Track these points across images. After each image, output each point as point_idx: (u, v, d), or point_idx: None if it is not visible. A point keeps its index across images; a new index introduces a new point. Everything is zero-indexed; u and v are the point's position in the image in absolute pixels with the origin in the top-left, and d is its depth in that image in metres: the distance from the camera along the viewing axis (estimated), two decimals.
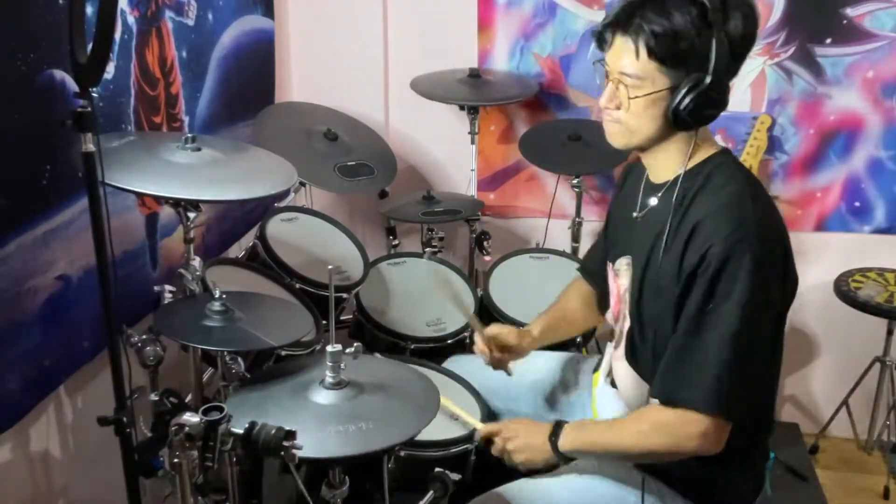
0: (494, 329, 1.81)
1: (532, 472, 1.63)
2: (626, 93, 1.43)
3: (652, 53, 1.38)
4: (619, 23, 1.41)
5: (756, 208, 1.41)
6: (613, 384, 1.67)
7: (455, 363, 2.04)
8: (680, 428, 1.42)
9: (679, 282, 1.42)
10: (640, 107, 1.43)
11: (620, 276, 1.61)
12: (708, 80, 1.36)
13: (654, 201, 1.55)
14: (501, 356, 1.79)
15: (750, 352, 1.40)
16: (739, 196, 1.42)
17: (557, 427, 1.56)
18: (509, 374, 1.82)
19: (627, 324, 1.58)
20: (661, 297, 1.47)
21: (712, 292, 1.38)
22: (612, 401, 1.67)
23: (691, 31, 1.35)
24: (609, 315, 1.71)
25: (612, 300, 1.69)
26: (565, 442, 1.54)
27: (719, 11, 1.34)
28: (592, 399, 1.78)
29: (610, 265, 1.68)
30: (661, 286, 1.47)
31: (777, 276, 1.43)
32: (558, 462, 1.57)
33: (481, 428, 1.68)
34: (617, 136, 1.50)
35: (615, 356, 1.65)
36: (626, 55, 1.41)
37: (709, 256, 1.37)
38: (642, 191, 1.59)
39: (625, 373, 1.62)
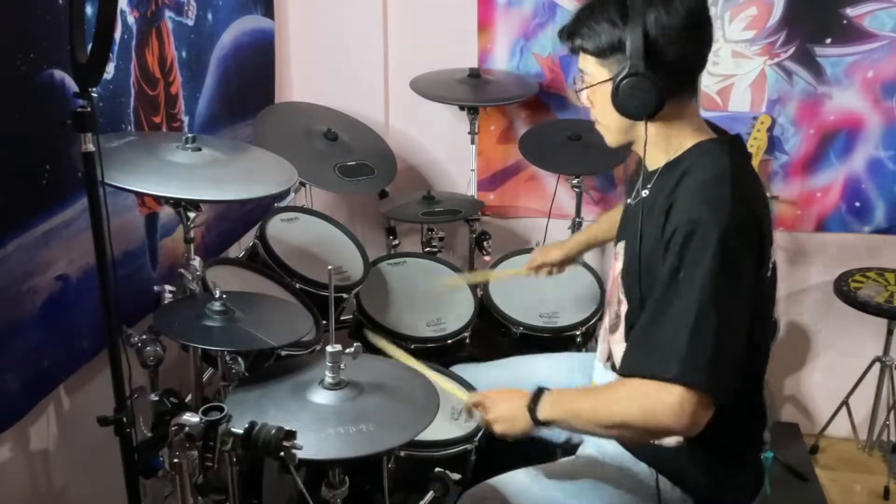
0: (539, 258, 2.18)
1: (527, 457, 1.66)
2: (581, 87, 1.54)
3: (584, 49, 1.50)
4: (566, 28, 1.53)
5: (733, 186, 1.42)
6: (614, 368, 1.67)
7: (456, 370, 2.04)
8: (652, 397, 1.36)
9: (658, 259, 1.44)
10: (597, 101, 1.53)
11: (618, 260, 1.64)
12: (627, 66, 1.41)
13: (645, 192, 1.58)
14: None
15: (720, 322, 1.34)
16: (719, 176, 1.44)
17: (537, 395, 1.51)
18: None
19: (625, 307, 1.59)
20: (649, 278, 1.49)
21: (680, 262, 1.37)
22: None
23: (608, 26, 1.44)
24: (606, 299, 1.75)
25: (609, 284, 1.73)
26: (543, 410, 1.49)
27: (638, 4, 1.40)
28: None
29: (614, 250, 1.71)
30: (648, 268, 1.49)
31: (749, 250, 1.41)
32: (537, 430, 1.53)
33: (466, 399, 1.66)
34: (604, 135, 1.59)
35: (614, 340, 1.65)
36: (579, 54, 1.53)
37: (678, 227, 1.39)
38: (641, 180, 1.63)
39: None
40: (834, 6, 2.59)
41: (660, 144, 1.52)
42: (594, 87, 1.50)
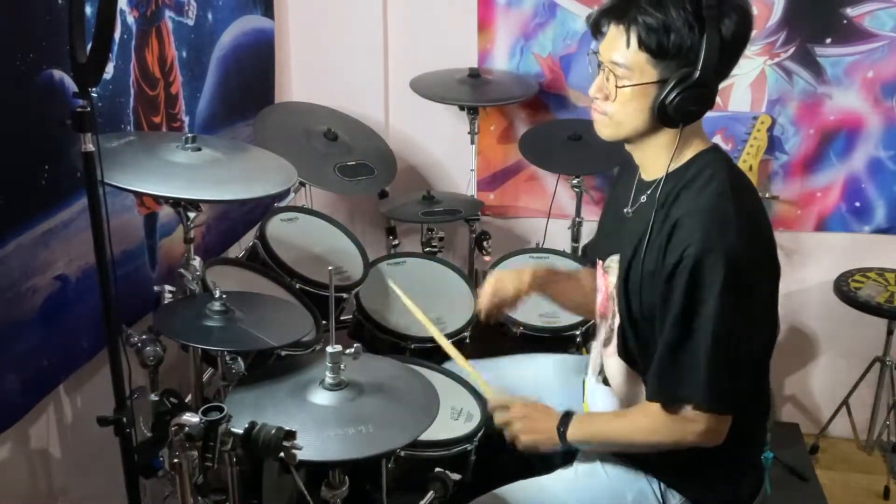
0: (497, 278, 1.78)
1: (527, 467, 1.65)
2: (614, 82, 1.44)
3: (642, 44, 1.39)
4: (614, 11, 1.43)
5: (736, 205, 1.41)
6: (606, 382, 1.67)
7: (452, 367, 2.04)
8: (683, 425, 1.46)
9: (662, 281, 1.43)
10: (626, 98, 1.44)
11: (610, 274, 1.61)
12: (696, 76, 1.36)
13: (644, 199, 1.55)
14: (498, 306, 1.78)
15: (736, 346, 1.41)
16: (720, 194, 1.42)
17: (567, 417, 1.59)
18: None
19: (618, 320, 1.58)
20: (646, 294, 1.48)
21: (693, 292, 1.39)
22: (605, 398, 1.67)
23: (683, 27, 1.36)
24: (596, 313, 1.72)
25: (600, 297, 1.69)
26: (573, 432, 1.57)
27: (714, 9, 1.35)
28: (584, 399, 1.77)
29: (600, 263, 1.67)
30: (645, 284, 1.48)
31: (757, 270, 1.42)
32: (562, 450, 1.60)
33: (491, 398, 1.68)
34: (604, 127, 1.51)
35: (606, 353, 1.65)
36: (618, 44, 1.42)
37: (685, 257, 1.38)
38: (635, 188, 1.60)
39: (617, 369, 1.62)
40: (834, 6, 2.59)
41: (666, 152, 1.48)
42: (633, 86, 1.41)
